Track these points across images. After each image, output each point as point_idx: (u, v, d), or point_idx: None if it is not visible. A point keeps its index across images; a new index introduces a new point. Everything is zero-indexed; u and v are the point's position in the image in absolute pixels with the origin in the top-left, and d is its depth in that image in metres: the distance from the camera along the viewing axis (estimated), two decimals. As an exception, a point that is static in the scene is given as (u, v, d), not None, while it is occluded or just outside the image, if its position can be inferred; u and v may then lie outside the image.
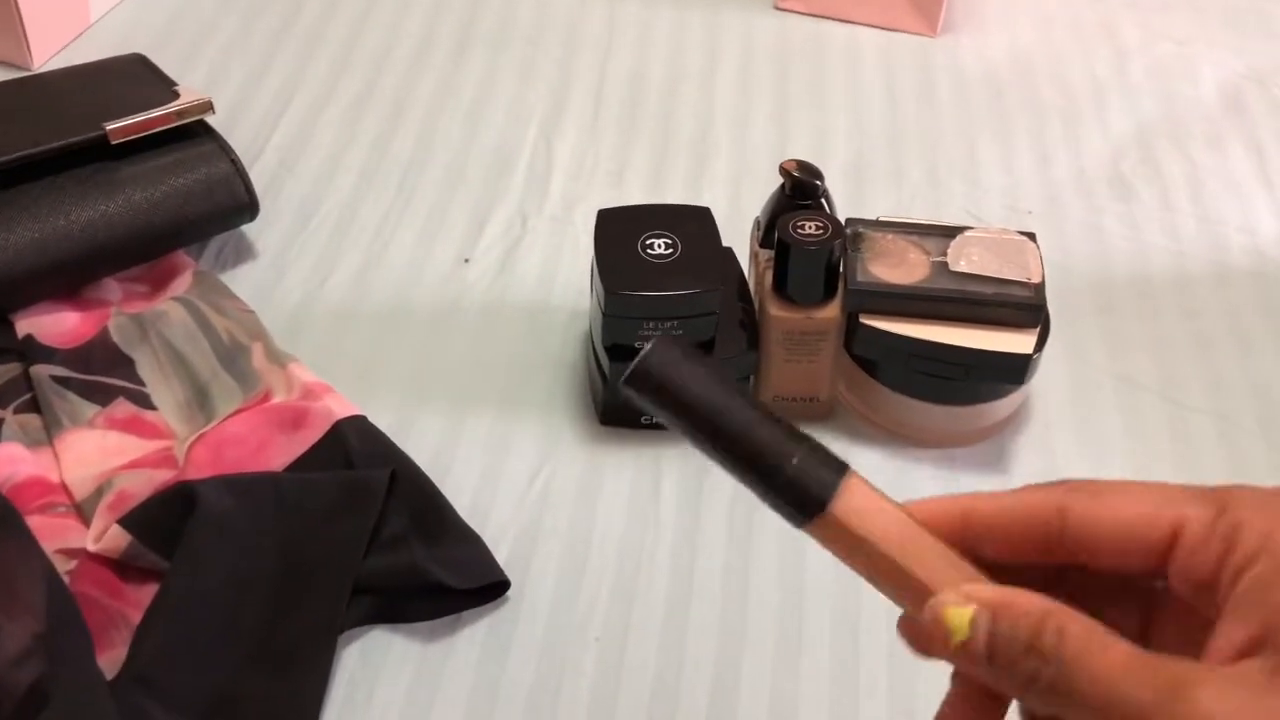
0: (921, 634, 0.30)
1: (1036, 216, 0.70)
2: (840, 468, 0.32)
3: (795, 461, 0.32)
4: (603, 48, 0.81)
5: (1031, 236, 0.56)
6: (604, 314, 0.55)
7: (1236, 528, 0.28)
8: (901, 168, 0.73)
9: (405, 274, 0.66)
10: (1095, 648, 0.27)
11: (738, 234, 0.62)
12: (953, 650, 0.29)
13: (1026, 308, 0.54)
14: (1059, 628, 0.28)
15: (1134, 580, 0.31)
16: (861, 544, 0.31)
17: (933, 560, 0.31)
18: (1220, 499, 0.29)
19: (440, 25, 0.82)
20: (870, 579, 0.32)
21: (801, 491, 0.32)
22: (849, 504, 0.32)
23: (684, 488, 0.57)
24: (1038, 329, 0.54)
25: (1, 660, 0.45)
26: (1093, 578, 0.31)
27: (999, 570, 0.31)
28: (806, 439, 0.32)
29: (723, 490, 0.56)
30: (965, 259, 0.55)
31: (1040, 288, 0.54)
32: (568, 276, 0.66)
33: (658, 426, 0.59)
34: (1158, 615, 0.32)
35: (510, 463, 0.57)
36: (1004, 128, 0.76)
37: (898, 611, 0.32)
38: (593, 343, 0.59)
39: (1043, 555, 0.31)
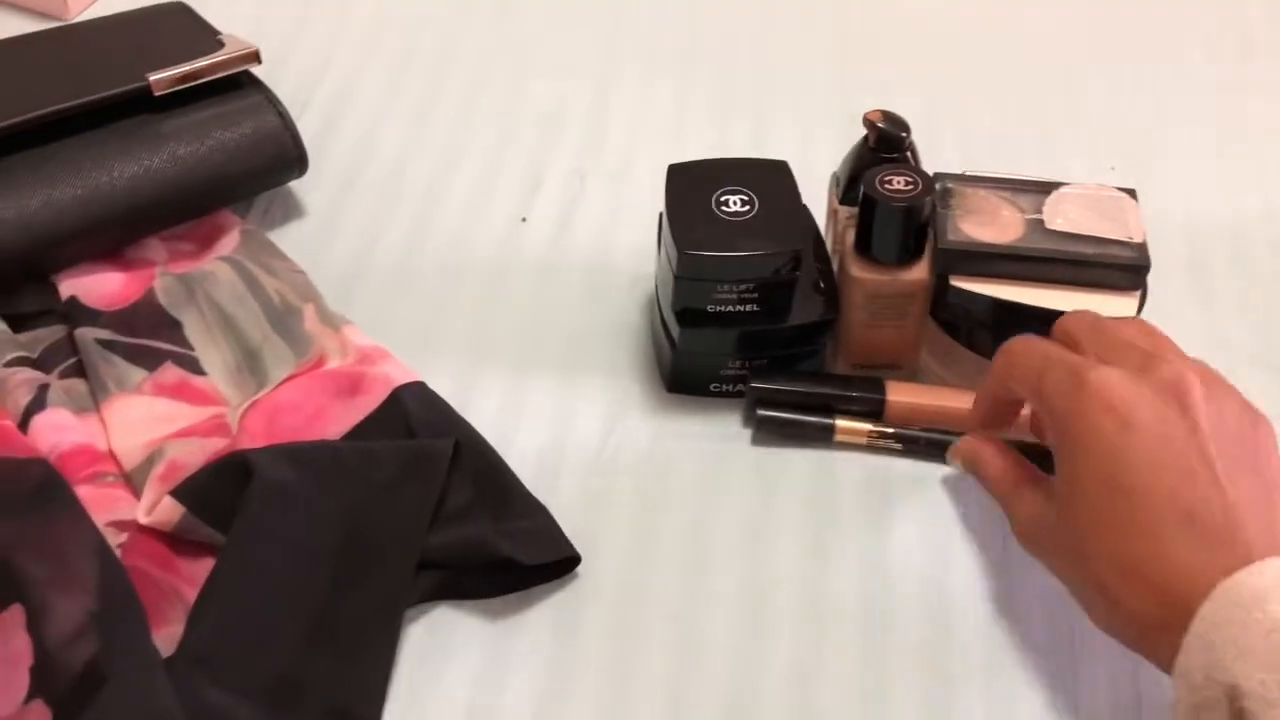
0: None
1: (1120, 172, 0.66)
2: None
3: None
4: (658, -3, 0.77)
5: (1132, 193, 0.53)
6: (675, 276, 0.52)
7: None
8: (973, 118, 0.70)
9: (459, 234, 0.63)
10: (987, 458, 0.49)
11: (805, 190, 0.58)
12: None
13: (1130, 269, 0.50)
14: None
15: None
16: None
17: None
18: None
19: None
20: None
21: None
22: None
23: (758, 459, 0.54)
24: (1139, 291, 0.51)
25: (56, 638, 0.43)
26: None
27: None
28: None
29: (802, 462, 0.53)
30: (1062, 216, 0.52)
31: (1143, 247, 0.51)
32: (628, 237, 0.63)
33: (728, 394, 0.56)
34: None
35: (574, 432, 0.55)
36: (1081, 79, 0.72)
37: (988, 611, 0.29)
38: (659, 306, 0.56)
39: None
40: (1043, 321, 0.49)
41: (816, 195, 0.58)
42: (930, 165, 0.55)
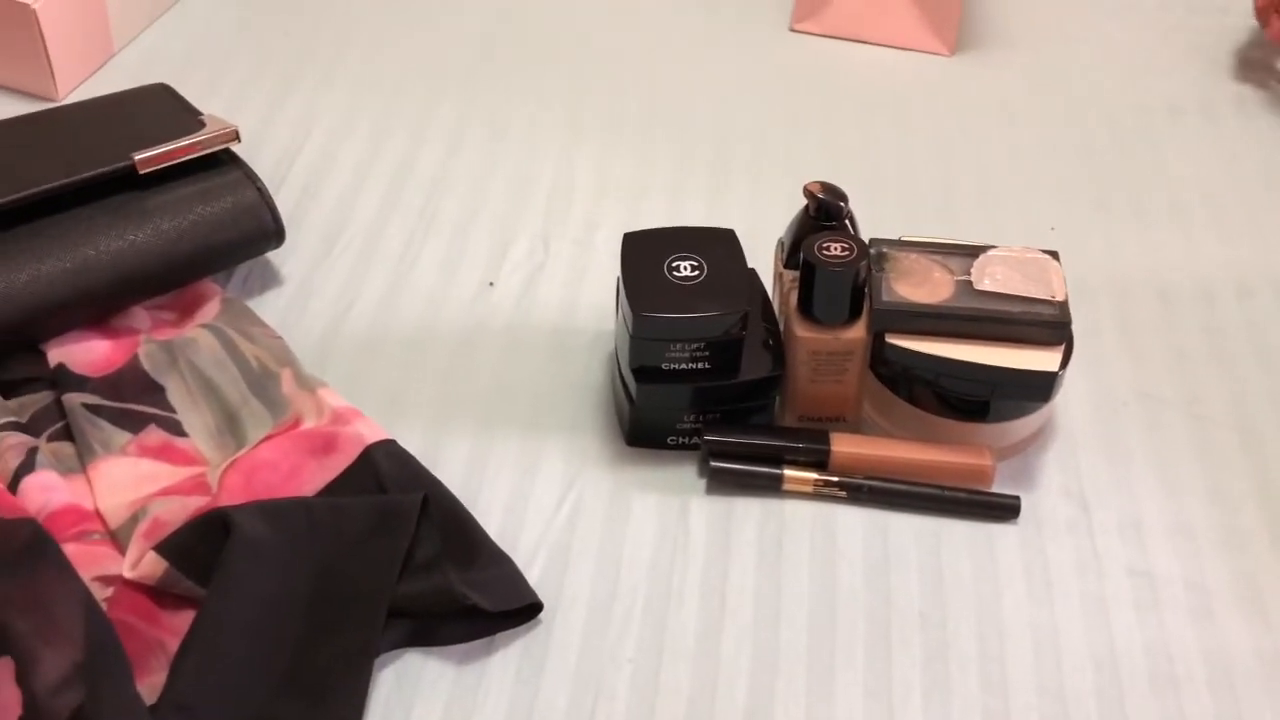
0: None
1: (1058, 233, 0.70)
2: None
3: None
4: (621, 70, 0.82)
5: (1054, 255, 0.57)
6: (631, 336, 0.56)
7: None
8: (918, 188, 0.74)
9: (430, 298, 0.67)
10: None
11: (756, 254, 0.62)
12: None
13: (1052, 325, 0.54)
14: None
15: None
16: None
17: None
18: None
19: (457, 50, 0.83)
20: None
21: None
22: None
23: (713, 509, 0.57)
24: (1063, 346, 0.55)
25: (42, 687, 0.46)
26: None
27: None
28: None
29: (753, 511, 0.57)
30: (989, 278, 0.55)
31: (1064, 305, 0.55)
32: (591, 299, 0.67)
33: (684, 446, 0.59)
34: None
35: (538, 485, 0.58)
36: (1019, 146, 0.77)
37: (929, 638, 0.31)
38: (618, 364, 0.59)
39: None
40: (972, 377, 0.53)
41: (770, 259, 0.62)
42: (877, 230, 0.59)
